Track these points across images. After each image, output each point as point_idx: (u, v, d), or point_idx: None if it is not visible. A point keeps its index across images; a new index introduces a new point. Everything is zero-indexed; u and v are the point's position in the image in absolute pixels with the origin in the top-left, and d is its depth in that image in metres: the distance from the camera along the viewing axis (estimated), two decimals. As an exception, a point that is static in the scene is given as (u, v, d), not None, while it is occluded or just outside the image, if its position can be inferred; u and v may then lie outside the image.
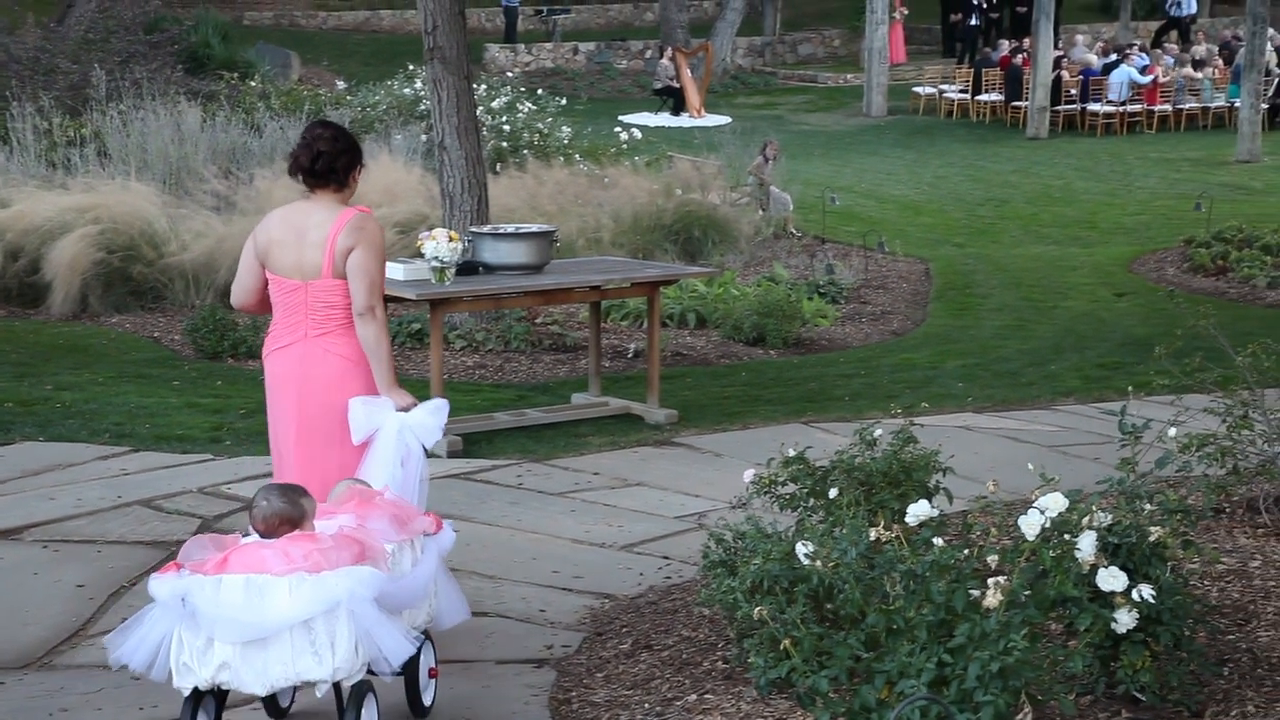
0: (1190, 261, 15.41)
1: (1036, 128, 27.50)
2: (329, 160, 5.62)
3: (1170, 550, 4.52)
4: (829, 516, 5.36)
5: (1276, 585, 5.38)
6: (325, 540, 4.53)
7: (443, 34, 11.08)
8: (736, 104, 31.48)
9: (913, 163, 24.77)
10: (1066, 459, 8.30)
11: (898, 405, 8.71)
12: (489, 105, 18.15)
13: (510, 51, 34.73)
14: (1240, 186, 21.55)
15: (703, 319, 12.53)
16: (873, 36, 30.62)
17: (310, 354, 5.60)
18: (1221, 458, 6.30)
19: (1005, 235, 18.62)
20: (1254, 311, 13.17)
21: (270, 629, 4.32)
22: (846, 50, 37.31)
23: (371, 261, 5.54)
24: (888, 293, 14.68)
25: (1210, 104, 28.59)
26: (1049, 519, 4.13)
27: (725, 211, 16.07)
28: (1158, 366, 6.91)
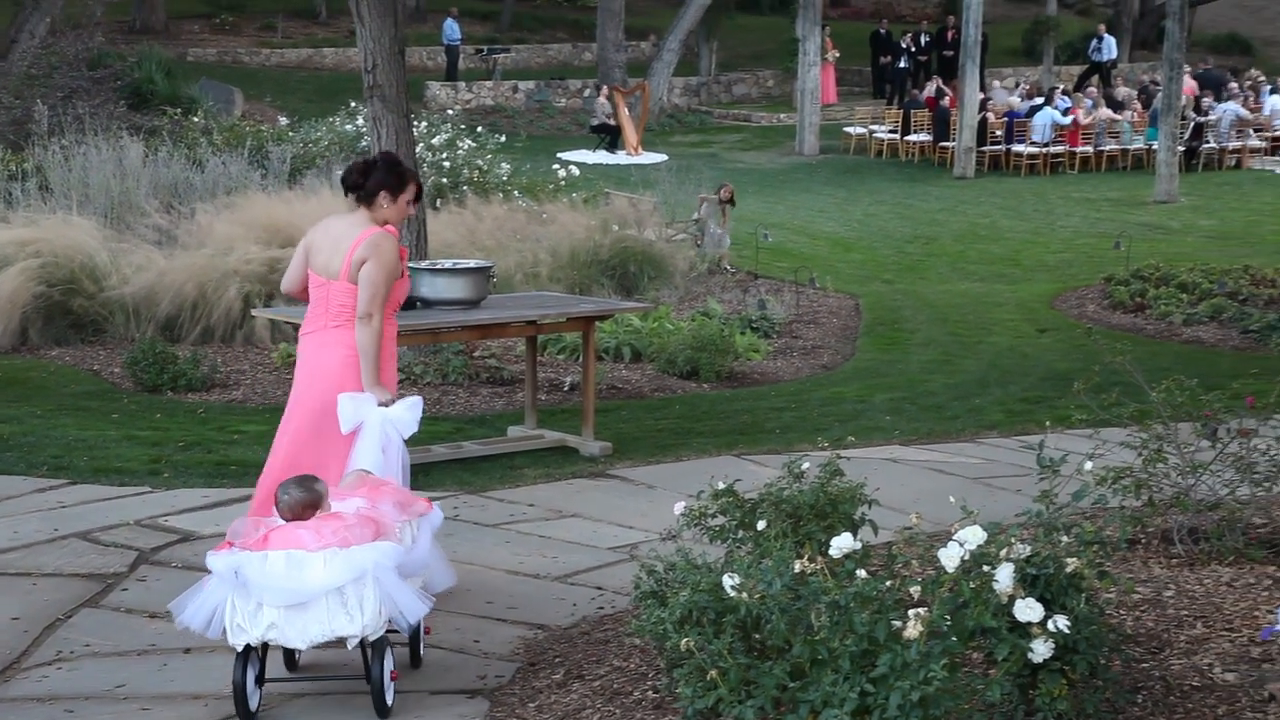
0: (1110, 299, 15.54)
1: (963, 167, 27.73)
2: (356, 181, 6.42)
3: (1087, 581, 4.54)
4: (757, 548, 5.36)
5: (1189, 614, 5.42)
6: (350, 519, 5.31)
7: (382, 72, 11.07)
8: (673, 142, 31.58)
9: (844, 200, 24.90)
10: (990, 491, 8.36)
11: (827, 438, 8.78)
12: (430, 142, 18.10)
13: (451, 89, 34.72)
14: (1158, 226, 21.80)
15: (638, 353, 12.53)
16: (805, 78, 30.80)
17: (325, 342, 6.41)
18: (1137, 490, 6.36)
19: (933, 272, 18.75)
20: (1170, 347, 13.30)
21: (310, 594, 5.09)
22: (780, 91, 37.50)
23: (378, 275, 6.26)
24: (818, 328, 14.73)
25: (1129, 146, 28.93)
26: (968, 551, 4.16)
27: (661, 247, 16.10)
28: (1077, 401, 6.99)
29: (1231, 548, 6.22)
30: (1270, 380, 6.98)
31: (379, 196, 6.40)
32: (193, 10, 39.81)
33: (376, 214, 6.42)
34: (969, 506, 4.96)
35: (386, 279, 6.32)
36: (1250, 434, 6.56)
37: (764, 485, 5.77)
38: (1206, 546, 6.28)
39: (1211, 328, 14.02)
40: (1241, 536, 6.29)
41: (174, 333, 12.35)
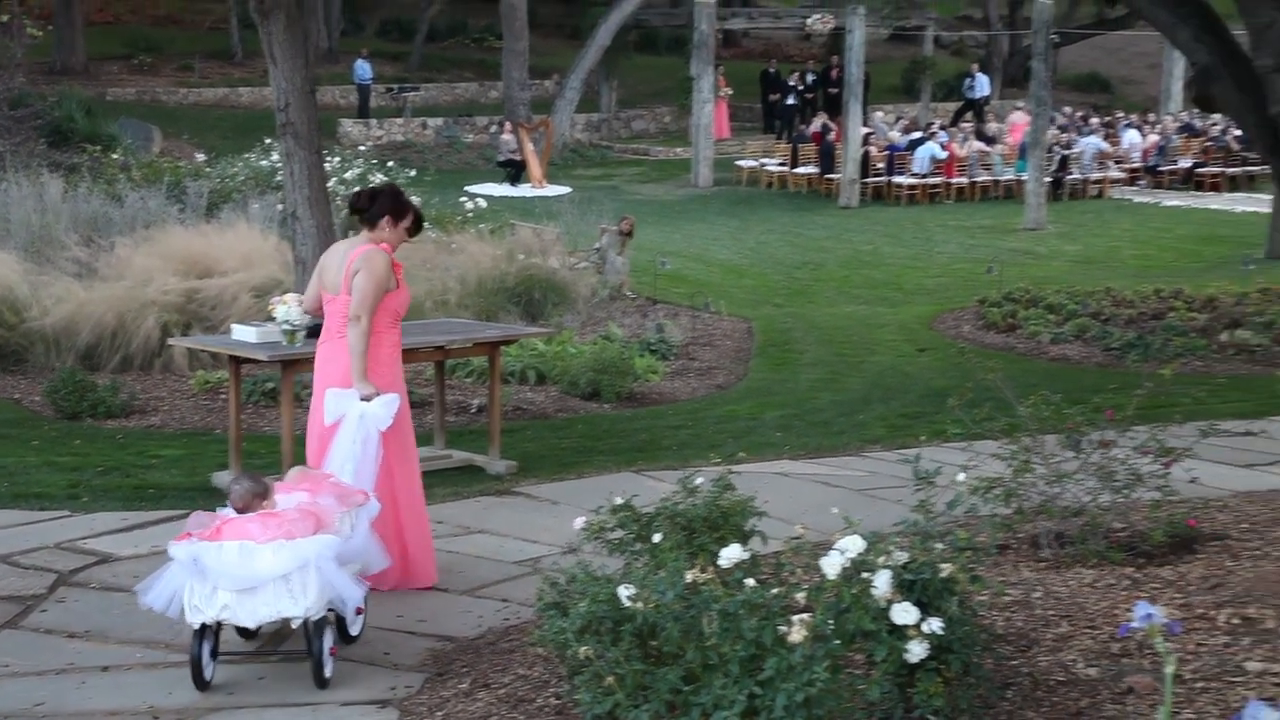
0: (984, 319, 15.66)
1: (848, 198, 27.97)
2: (364, 206, 6.95)
3: (960, 585, 4.59)
4: (653, 560, 5.37)
5: (1055, 614, 5.49)
6: (293, 514, 5.67)
7: (294, 111, 10.99)
8: (575, 175, 31.59)
9: (736, 229, 25.01)
10: (873, 501, 8.41)
11: (720, 454, 8.79)
12: (342, 176, 18.01)
13: (363, 126, 34.54)
14: (1027, 251, 22.10)
15: (542, 375, 12.50)
16: (700, 114, 30.94)
17: (334, 350, 6.86)
18: (1007, 499, 6.44)
19: (820, 296, 18.87)
20: (1039, 365, 13.45)
21: (259, 580, 5.48)
22: (676, 126, 37.66)
23: (367, 284, 6.70)
24: (713, 349, 14.76)
25: (1001, 177, 29.31)
26: (849, 559, 4.19)
27: (564, 275, 16.08)
28: (952, 416, 7.06)
29: (1094, 551, 6.32)
30: (1129, 394, 7.10)
31: (382, 220, 6.90)
32: (112, 52, 39.28)
33: (377, 235, 6.88)
34: (852, 517, 5.00)
35: (376, 288, 6.72)
36: (1110, 445, 6.67)
37: (660, 500, 5.78)
38: (1071, 550, 6.38)
39: (1077, 346, 14.15)
40: (1103, 541, 6.39)
41: (93, 361, 12.14)
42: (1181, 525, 6.55)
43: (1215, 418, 9.47)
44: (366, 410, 6.61)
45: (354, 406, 6.62)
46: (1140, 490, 6.60)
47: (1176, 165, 31.23)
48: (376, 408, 6.62)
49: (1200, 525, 6.72)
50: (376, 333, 6.80)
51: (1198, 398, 10.60)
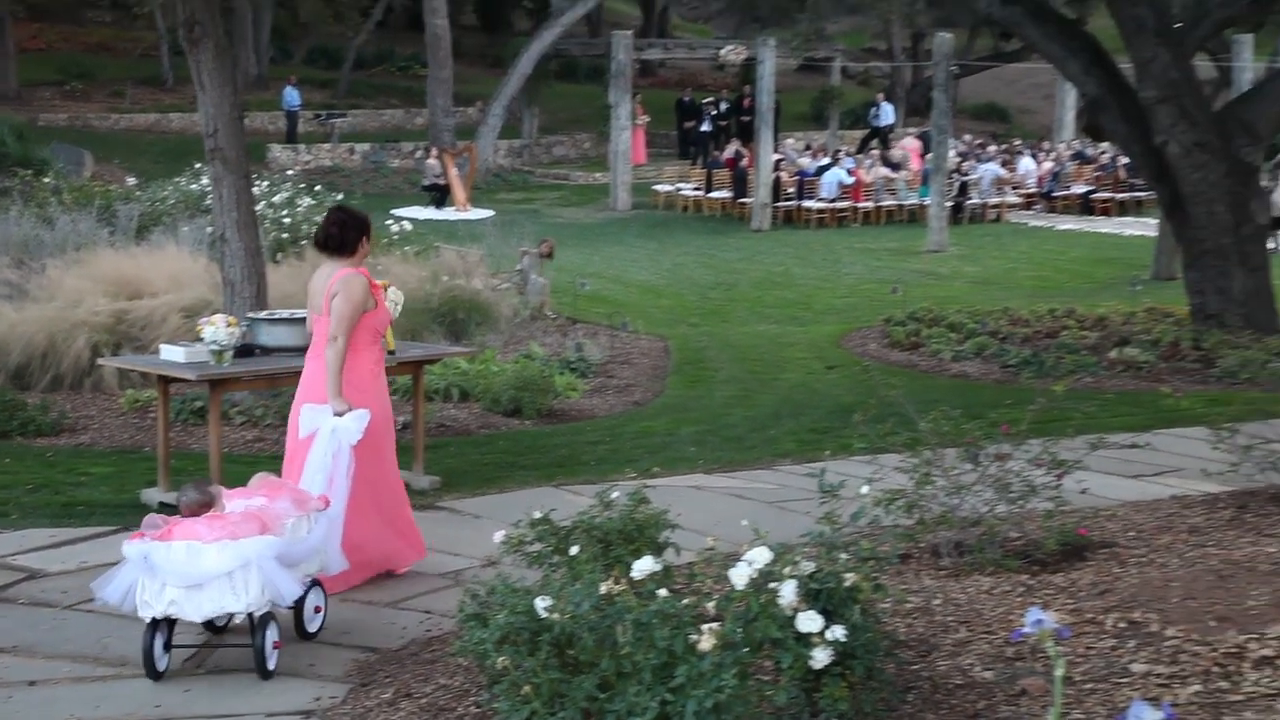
0: (889, 338, 15.77)
1: (760, 221, 28.13)
2: (338, 241, 7.08)
3: (864, 593, 4.62)
4: (570, 572, 5.36)
5: (954, 620, 5.54)
6: (237, 517, 5.87)
7: (223, 136, 10.90)
8: (498, 199, 31.54)
9: (654, 251, 25.08)
10: (783, 513, 8.43)
11: (636, 469, 8.82)
12: (270, 200, 17.84)
13: (291, 151, 34.29)
14: (930, 273, 22.33)
15: (465, 393, 12.45)
16: (618, 140, 31.03)
17: (319, 367, 7.00)
18: (909, 510, 6.50)
19: (733, 315, 18.94)
20: (940, 381, 13.55)
21: (204, 577, 5.65)
22: (595, 152, 37.72)
23: (344, 307, 6.88)
24: (631, 367, 14.77)
25: (905, 201, 29.62)
26: (756, 570, 4.21)
27: (487, 296, 16.03)
28: (858, 431, 7.11)
29: (991, 559, 6.38)
30: (1023, 409, 7.18)
31: (360, 245, 7.13)
32: (44, 78, 38.75)
33: (356, 258, 7.10)
34: (761, 529, 5.02)
35: (353, 310, 6.90)
36: (1006, 458, 6.75)
37: (578, 514, 5.78)
38: (970, 559, 6.44)
39: (976, 363, 14.25)
40: (999, 549, 6.46)
41: (24, 381, 11.94)
42: (1073, 534, 6.63)
43: (1105, 431, 9.61)
44: (339, 425, 6.80)
45: (327, 421, 6.82)
46: (1034, 501, 6.68)
47: (1070, 191, 31.70)
48: (348, 423, 6.81)
49: (1090, 534, 6.80)
50: (357, 350, 6.99)
51: (1088, 412, 10.73)
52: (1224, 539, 6.75)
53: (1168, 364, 13.71)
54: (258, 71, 40.93)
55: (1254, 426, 8.24)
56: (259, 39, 41.52)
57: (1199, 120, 14.35)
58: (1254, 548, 6.31)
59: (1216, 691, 4.59)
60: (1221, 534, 6.91)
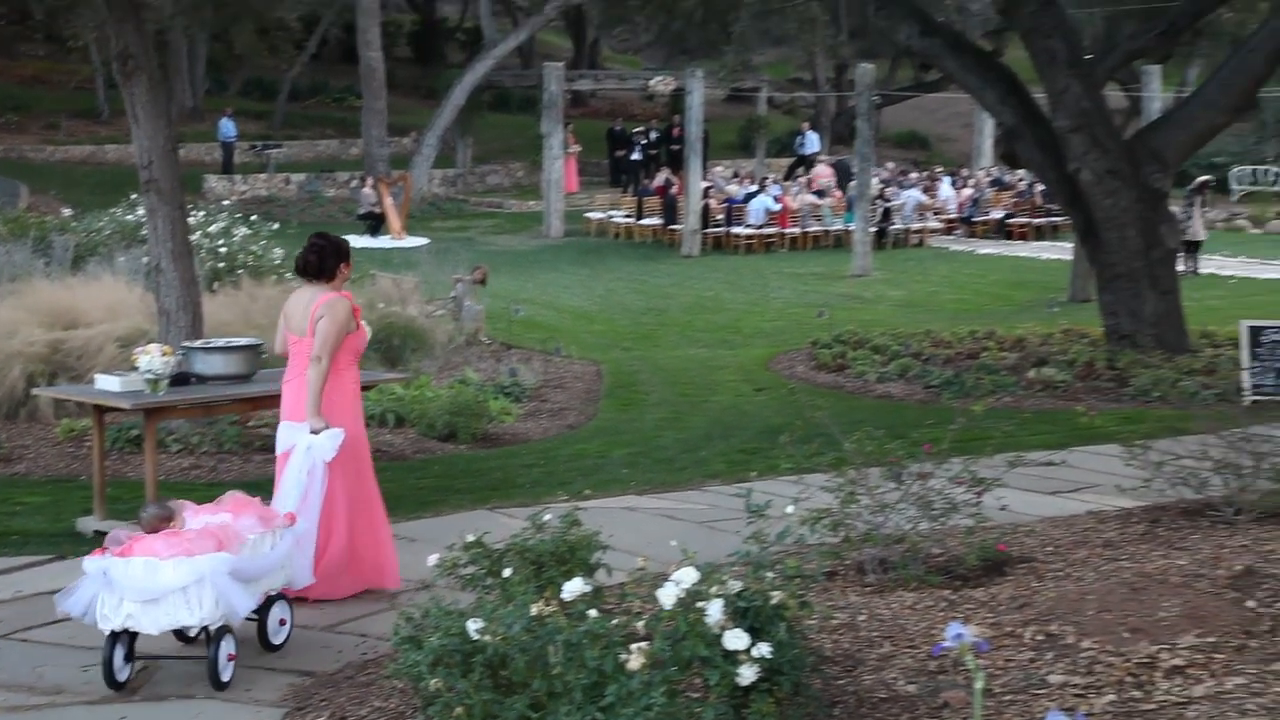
0: (815, 360, 15.79)
1: (690, 247, 28.20)
2: (316, 268, 7.22)
3: (790, 610, 4.64)
4: (504, 594, 5.34)
5: (879, 635, 5.57)
6: (193, 534, 5.94)
7: (157, 168, 10.81)
8: (433, 227, 31.42)
9: (586, 278, 25.06)
10: (713, 533, 8.44)
11: (570, 491, 8.81)
12: (206, 230, 17.66)
13: (228, 181, 34.04)
14: (855, 296, 22.45)
15: (401, 418, 12.37)
16: (550, 169, 31.05)
17: (300, 386, 7.14)
18: (835, 528, 6.53)
19: (665, 340, 18.95)
20: (866, 402, 13.60)
21: (160, 592, 5.74)
22: (528, 180, 37.71)
23: (329, 329, 7.05)
24: (564, 391, 14.74)
25: (831, 227, 29.79)
26: (684, 590, 4.21)
27: (422, 322, 15.93)
28: (785, 451, 7.14)
29: (914, 575, 6.43)
30: (945, 429, 7.24)
31: (339, 271, 7.28)
32: (-21, 110, 38.29)
33: (337, 283, 7.25)
34: (692, 549, 5.03)
35: (338, 332, 7.08)
36: (928, 476, 6.81)
37: (511, 536, 5.77)
38: (894, 575, 6.48)
39: (900, 384, 14.29)
40: (922, 565, 6.50)
41: (-40, 411, 11.75)
42: (993, 549, 6.69)
43: (1023, 449, 9.70)
44: (314, 443, 6.97)
45: (303, 439, 6.99)
46: (956, 518, 6.74)
47: (989, 216, 32.04)
48: (323, 440, 6.97)
49: (1010, 549, 6.87)
50: (339, 371, 7.18)
51: (1007, 431, 10.80)
52: (1137, 552, 6.83)
53: (1083, 383, 13.87)
54: (193, 103, 40.60)
55: (1165, 443, 8.34)
56: (194, 71, 41.20)
57: (1110, 148, 14.56)
58: (1165, 560, 6.39)
59: (1130, 701, 4.64)
60: (1135, 547, 6.99)
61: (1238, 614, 5.33)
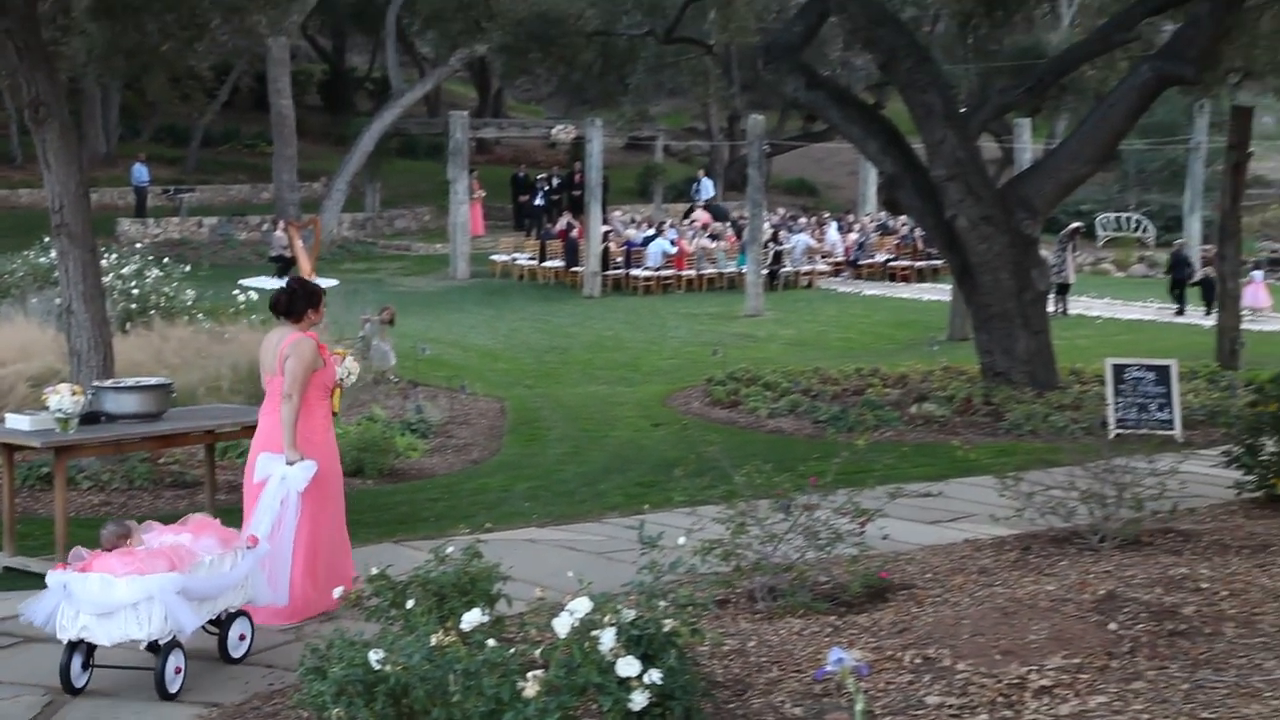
0: (710, 397, 15.83)
1: (591, 289, 28.24)
2: (285, 308, 7.42)
3: (682, 638, 4.65)
4: (407, 625, 5.30)
5: (767, 660, 5.60)
6: (143, 554, 6.13)
7: (69, 212, 10.64)
8: (343, 269, 31.09)
9: (491, 318, 24.98)
10: (611, 563, 8.43)
11: (473, 524, 8.74)
12: (120, 272, 17.38)
13: (141, 225, 33.51)
14: (748, 335, 22.58)
15: (309, 455, 12.22)
16: (456, 213, 30.95)
17: (272, 419, 7.38)
18: (726, 558, 6.56)
19: (567, 377, 18.92)
20: (757, 437, 13.66)
21: (114, 606, 5.93)
22: (436, 224, 37.54)
23: (296, 367, 7.23)
24: (469, 427, 14.66)
25: (725, 270, 29.99)
26: (578, 619, 4.21)
27: (331, 361, 15.77)
28: (679, 485, 7.17)
29: (801, 602, 6.47)
30: (830, 462, 7.31)
31: (306, 314, 7.45)
32: (-107, 154, 37.34)
33: (304, 324, 7.43)
34: (589, 579, 5.03)
35: (305, 370, 7.25)
36: (814, 508, 6.87)
37: (414, 569, 5.73)
38: (782, 602, 6.52)
39: (790, 419, 14.36)
40: (809, 593, 6.55)
41: None
42: (875, 577, 6.77)
43: (905, 481, 9.83)
44: (288, 474, 7.19)
45: (278, 469, 7.22)
46: (841, 547, 6.80)
47: (874, 259, 32.47)
48: (296, 472, 7.19)
49: (891, 576, 6.95)
50: (309, 405, 7.36)
51: (889, 464, 10.94)
52: (1009, 578, 6.95)
53: (962, 418, 14.07)
54: (107, 149, 39.96)
55: (1036, 475, 8.49)
56: (108, 117, 40.55)
57: (984, 196, 14.85)
58: (1035, 586, 6.51)
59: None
60: (1008, 574, 7.10)
61: (1101, 636, 5.44)
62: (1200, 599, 6.06)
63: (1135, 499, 7.67)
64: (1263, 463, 9.12)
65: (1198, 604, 5.96)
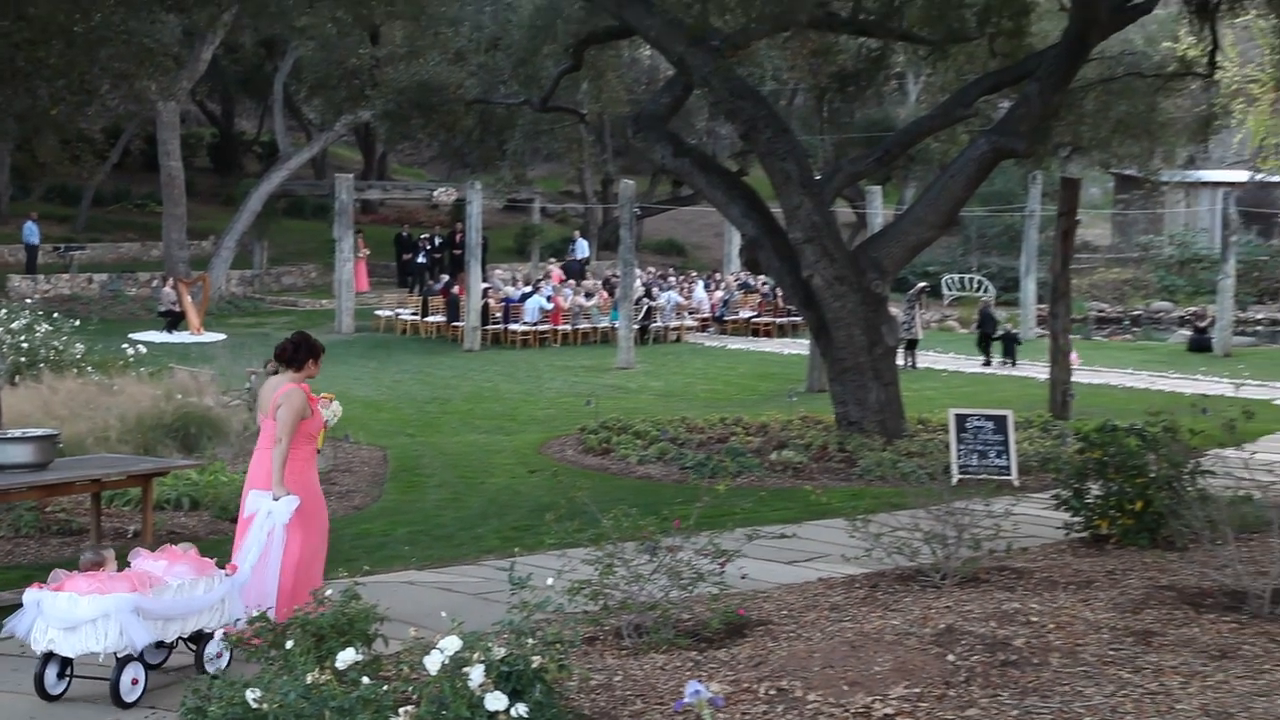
0: (584, 445, 15.82)
1: (471, 342, 28.13)
2: (289, 356, 7.83)
3: (550, 673, 4.66)
4: (286, 664, 5.23)
5: (632, 693, 5.61)
6: (107, 576, 6.61)
7: (-41, 268, 10.34)
8: (231, 324, 30.63)
9: (375, 370, 24.74)
10: (486, 604, 8.39)
11: (353, 568, 8.64)
12: (9, 326, 16.90)
13: (31, 281, 32.65)
14: (620, 387, 22.65)
15: (195, 502, 11.99)
16: (342, 270, 30.66)
17: (263, 458, 7.76)
18: (595, 597, 6.58)
19: (447, 426, 18.79)
20: (628, 482, 13.68)
21: (77, 622, 6.37)
22: (322, 281, 37.14)
23: (287, 415, 7.61)
24: (353, 475, 14.48)
25: (598, 324, 30.11)
26: (448, 656, 4.20)
27: (218, 412, 15.48)
28: (550, 529, 7.18)
29: (665, 639, 6.50)
30: (693, 506, 7.38)
31: (306, 364, 7.83)
32: None
33: (304, 374, 7.81)
34: (464, 619, 5.02)
35: (294, 418, 7.63)
36: (678, 549, 6.92)
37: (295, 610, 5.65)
38: (647, 639, 6.55)
39: (658, 465, 14.41)
40: (673, 629, 6.59)
41: None
42: (734, 614, 6.83)
43: (763, 524, 9.93)
44: (274, 509, 7.56)
45: (265, 504, 7.59)
46: (702, 586, 6.86)
47: (738, 315, 32.84)
48: (280, 506, 7.57)
49: (749, 613, 7.01)
50: (297, 447, 7.71)
51: (748, 508, 11.05)
52: (858, 614, 7.06)
53: (818, 464, 14.25)
54: (-2, 206, 38.95)
55: (884, 517, 8.67)
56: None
57: (837, 258, 15.13)
58: (882, 621, 6.62)
59: (848, 744, 4.78)
60: (857, 610, 7.22)
61: (940, 666, 5.56)
62: (1030, 631, 6.23)
63: (974, 539, 7.86)
64: (1088, 505, 9.41)
65: (1028, 636, 6.12)
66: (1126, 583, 7.64)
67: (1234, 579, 6.99)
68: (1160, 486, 8.97)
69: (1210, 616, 6.63)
